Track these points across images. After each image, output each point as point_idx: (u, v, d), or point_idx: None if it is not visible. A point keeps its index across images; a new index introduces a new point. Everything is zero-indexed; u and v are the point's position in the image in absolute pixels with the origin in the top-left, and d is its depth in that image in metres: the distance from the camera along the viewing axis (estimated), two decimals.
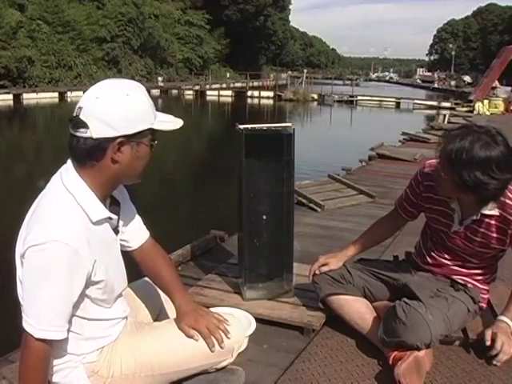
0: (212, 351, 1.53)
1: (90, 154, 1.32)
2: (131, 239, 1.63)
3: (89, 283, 1.36)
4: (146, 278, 1.84)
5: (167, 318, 1.74)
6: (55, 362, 1.41)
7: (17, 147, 14.56)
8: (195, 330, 1.54)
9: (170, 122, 1.42)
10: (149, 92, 1.48)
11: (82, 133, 1.30)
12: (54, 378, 1.43)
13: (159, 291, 1.76)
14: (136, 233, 1.63)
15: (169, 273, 1.66)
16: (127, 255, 1.67)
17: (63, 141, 1.47)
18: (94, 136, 1.30)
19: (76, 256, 1.27)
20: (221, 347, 1.53)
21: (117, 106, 1.31)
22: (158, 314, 1.77)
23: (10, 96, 26.47)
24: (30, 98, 27.17)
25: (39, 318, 1.27)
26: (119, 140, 1.31)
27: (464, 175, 1.74)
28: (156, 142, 1.41)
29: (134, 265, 1.68)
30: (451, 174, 1.79)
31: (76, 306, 1.36)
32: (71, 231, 1.28)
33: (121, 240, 1.60)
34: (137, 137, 1.34)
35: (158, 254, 1.68)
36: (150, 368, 1.50)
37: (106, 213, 1.39)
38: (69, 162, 1.38)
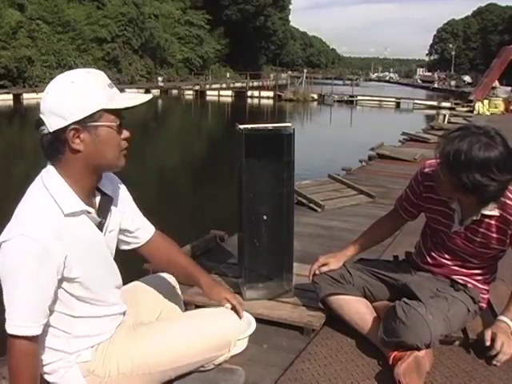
0: (240, 316, 1.70)
1: (53, 148, 1.34)
2: (140, 235, 1.65)
3: (63, 279, 1.34)
4: (150, 276, 1.85)
5: (168, 318, 1.74)
6: (48, 361, 1.41)
7: (17, 147, 14.56)
8: (224, 297, 1.72)
9: (128, 100, 1.37)
10: (148, 92, 1.47)
11: (42, 130, 1.33)
12: (51, 379, 1.44)
13: (160, 291, 1.76)
14: (143, 228, 1.66)
15: (184, 258, 1.77)
16: (129, 253, 1.66)
17: None
18: (51, 130, 1.31)
19: (43, 250, 1.27)
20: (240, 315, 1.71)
21: (62, 95, 1.31)
22: (159, 315, 1.76)
23: (10, 96, 26.48)
24: (29, 98, 27.12)
25: (12, 314, 1.28)
26: (71, 127, 1.30)
27: (463, 177, 1.73)
28: (118, 122, 1.36)
29: (133, 264, 1.68)
30: (450, 176, 1.78)
31: (58, 303, 1.36)
32: (39, 225, 1.28)
33: (130, 237, 1.62)
34: (90, 121, 1.32)
35: (169, 244, 1.74)
36: (147, 366, 1.50)
37: (81, 205, 1.36)
38: (47, 164, 1.39)
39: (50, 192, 1.33)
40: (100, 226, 1.45)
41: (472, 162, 1.71)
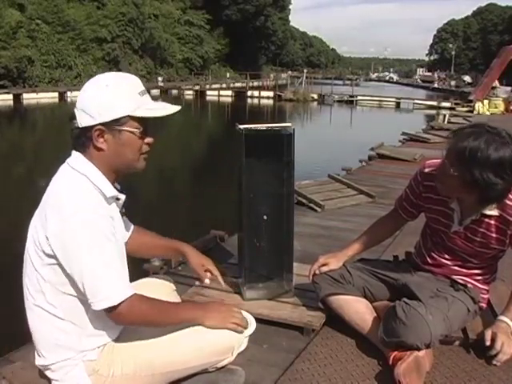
0: (222, 284, 1.87)
1: (79, 142, 1.43)
2: (128, 229, 1.72)
3: None
4: (147, 279, 1.85)
5: None
6: (56, 358, 1.42)
7: (17, 147, 14.56)
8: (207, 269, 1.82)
9: (155, 110, 1.44)
10: (148, 92, 1.49)
11: (73, 124, 1.42)
12: (55, 376, 1.45)
13: (158, 293, 1.76)
14: (128, 224, 1.73)
15: (161, 239, 1.83)
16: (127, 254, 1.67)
17: (63, 140, 1.49)
18: (80, 125, 1.41)
19: (107, 223, 1.38)
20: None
21: (95, 96, 1.39)
22: None
23: (10, 96, 26.46)
24: (29, 97, 27.16)
25: (111, 287, 1.35)
26: (97, 128, 1.39)
27: (476, 174, 1.73)
28: (141, 129, 1.43)
29: (132, 265, 1.68)
30: (462, 172, 1.78)
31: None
32: (93, 205, 1.37)
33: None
34: (116, 124, 1.40)
35: (144, 233, 1.79)
36: (150, 368, 1.51)
37: (115, 191, 1.46)
38: (73, 152, 1.46)
39: (88, 178, 1.41)
40: (122, 213, 1.56)
41: (488, 161, 1.72)
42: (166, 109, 1.46)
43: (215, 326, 1.52)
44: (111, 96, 1.39)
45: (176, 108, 1.48)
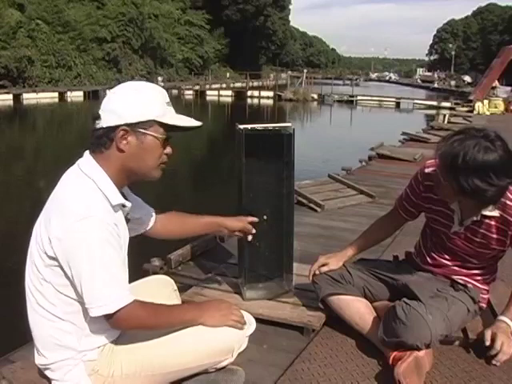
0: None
1: (100, 142, 1.43)
2: (146, 220, 1.75)
3: None
4: (147, 278, 1.85)
5: None
6: (55, 358, 1.43)
7: (17, 147, 14.55)
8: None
9: (180, 120, 1.48)
10: None
11: (97, 124, 1.43)
12: (55, 376, 1.45)
13: (158, 293, 1.76)
14: (147, 213, 1.76)
15: (192, 217, 1.89)
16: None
17: (63, 141, 1.49)
18: (104, 125, 1.41)
19: (113, 229, 1.37)
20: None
21: (125, 98, 1.43)
22: None
23: (10, 96, 26.46)
24: (29, 97, 27.15)
25: (108, 294, 1.34)
26: (122, 127, 1.40)
27: (462, 181, 1.71)
28: (165, 136, 1.47)
29: (132, 265, 1.68)
30: (449, 180, 1.77)
31: None
32: (100, 210, 1.37)
33: (137, 224, 1.70)
34: (141, 127, 1.42)
35: (171, 216, 1.84)
36: (150, 368, 1.51)
37: (122, 199, 1.46)
38: (85, 153, 1.47)
39: (96, 183, 1.41)
40: (127, 219, 1.56)
41: (470, 167, 1.69)
42: (190, 122, 1.50)
43: (215, 325, 1.52)
44: (141, 99, 1.43)
45: (199, 123, 1.52)
